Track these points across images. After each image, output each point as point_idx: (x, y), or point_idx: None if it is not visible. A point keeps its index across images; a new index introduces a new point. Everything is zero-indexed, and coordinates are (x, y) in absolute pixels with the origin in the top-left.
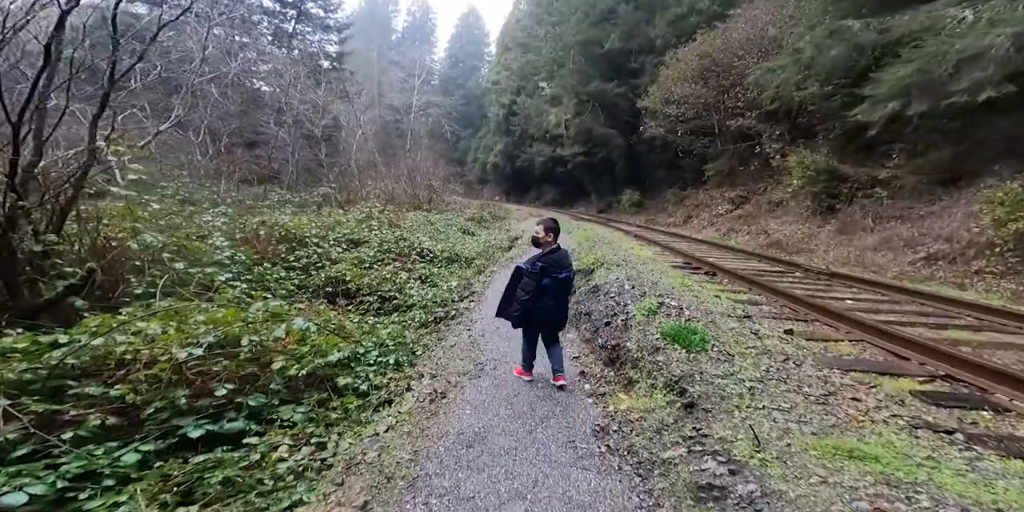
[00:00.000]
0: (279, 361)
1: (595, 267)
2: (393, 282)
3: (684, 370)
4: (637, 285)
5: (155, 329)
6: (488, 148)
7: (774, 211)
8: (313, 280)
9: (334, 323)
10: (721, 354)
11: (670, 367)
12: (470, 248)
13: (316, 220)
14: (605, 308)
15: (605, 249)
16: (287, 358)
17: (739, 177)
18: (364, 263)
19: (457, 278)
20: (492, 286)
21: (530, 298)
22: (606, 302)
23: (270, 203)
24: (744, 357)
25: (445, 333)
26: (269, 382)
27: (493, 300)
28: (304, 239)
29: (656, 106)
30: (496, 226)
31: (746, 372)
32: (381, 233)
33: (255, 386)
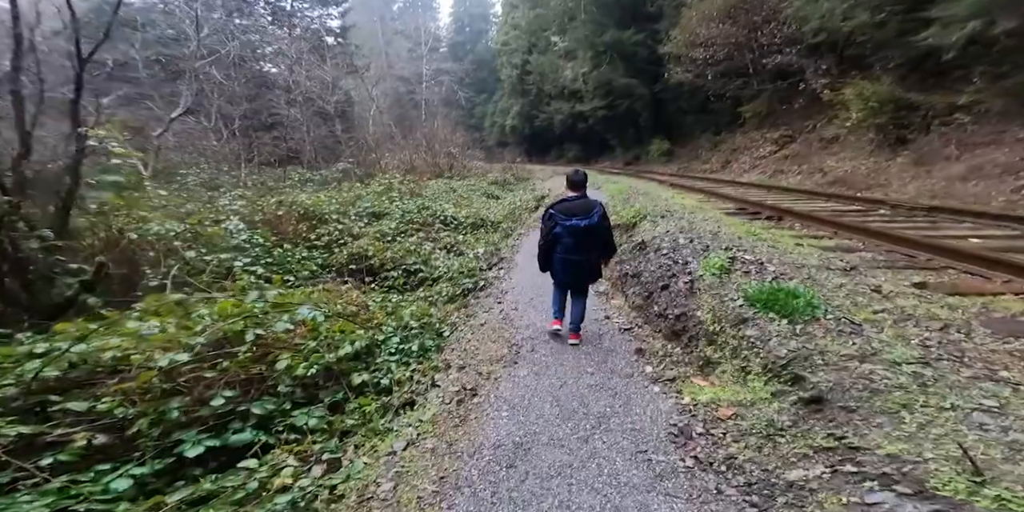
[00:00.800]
0: (284, 359)
1: (636, 221)
2: (417, 254)
3: (793, 349)
4: (695, 238)
5: (151, 328)
6: (505, 111)
7: (828, 148)
8: (336, 258)
9: (354, 305)
10: (842, 323)
11: (769, 344)
12: (495, 212)
13: (336, 196)
14: (658, 268)
15: (643, 200)
16: (293, 355)
17: (781, 116)
18: (387, 236)
19: (484, 244)
20: (521, 250)
21: (545, 244)
22: (658, 261)
23: (291, 183)
24: (878, 326)
25: (474, 308)
26: (278, 383)
27: (524, 266)
28: (324, 216)
29: (680, 50)
30: (520, 187)
31: (895, 350)
32: (403, 204)
33: (262, 388)
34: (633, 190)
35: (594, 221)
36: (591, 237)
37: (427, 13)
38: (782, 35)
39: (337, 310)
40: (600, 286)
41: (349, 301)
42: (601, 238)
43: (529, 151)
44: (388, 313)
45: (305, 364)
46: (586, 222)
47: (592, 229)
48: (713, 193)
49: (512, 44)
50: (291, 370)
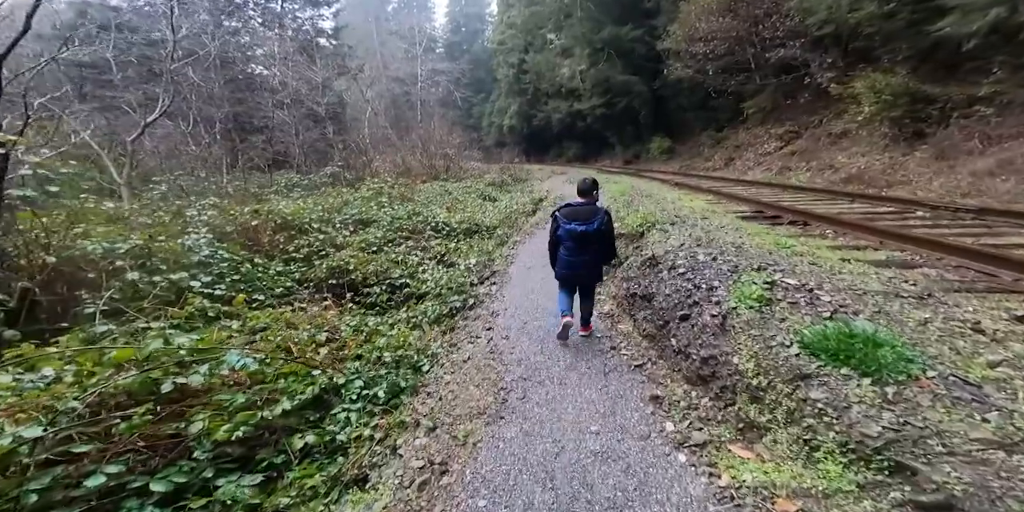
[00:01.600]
0: (199, 419)
1: (643, 229)
2: (404, 266)
3: (890, 425)
4: (717, 254)
5: (40, 379)
6: (502, 111)
7: (837, 143)
8: (315, 272)
9: (327, 328)
10: (954, 385)
11: (848, 414)
12: (491, 216)
13: (321, 202)
14: (674, 291)
15: (647, 203)
16: (213, 413)
17: (785, 112)
18: (372, 246)
19: (477, 254)
20: (517, 261)
21: (550, 244)
22: (674, 282)
23: (276, 188)
24: (1007, 389)
25: (460, 333)
26: (195, 449)
27: (519, 280)
28: (304, 226)
29: (680, 46)
30: (518, 188)
31: None
32: (392, 210)
33: (176, 454)
34: (635, 191)
35: (592, 228)
36: (589, 242)
37: (422, 13)
38: (785, 28)
39: (291, 343)
40: (604, 305)
41: (323, 322)
42: (601, 244)
43: (527, 151)
44: (362, 340)
45: (228, 426)
46: (584, 228)
47: (590, 235)
48: (722, 194)
49: (508, 43)
50: (211, 433)
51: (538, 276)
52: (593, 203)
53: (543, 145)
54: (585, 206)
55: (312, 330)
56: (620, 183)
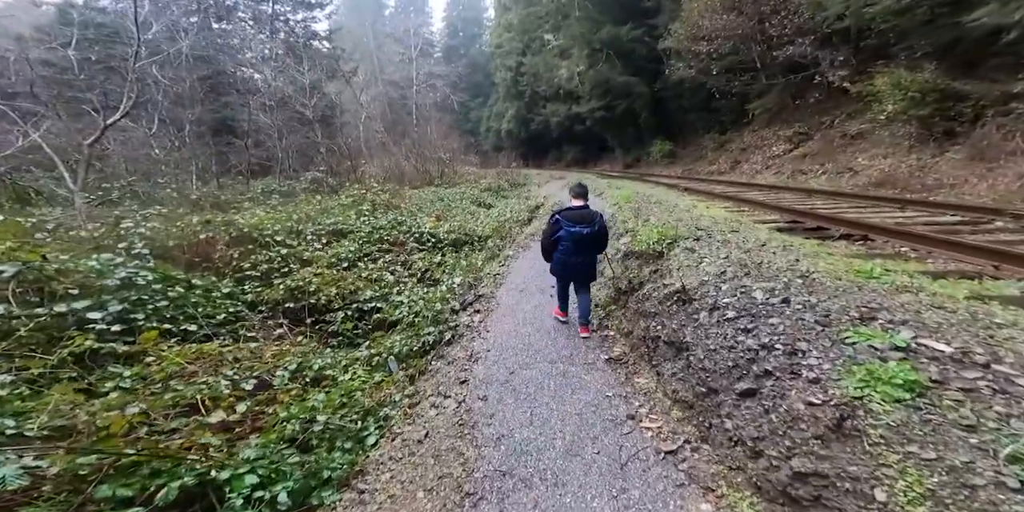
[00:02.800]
0: None
1: (663, 247)
2: (379, 285)
3: None
4: (782, 290)
5: None
6: (500, 115)
7: (853, 144)
8: (271, 293)
9: (247, 379)
10: None
11: None
12: (484, 224)
13: (294, 211)
14: (724, 348)
15: (659, 212)
16: None
17: (793, 113)
18: (344, 261)
19: (463, 271)
20: (507, 281)
21: (546, 245)
22: (721, 332)
23: (252, 195)
24: None
25: (429, 383)
26: None
27: (508, 307)
28: (266, 238)
29: (682, 45)
30: (514, 194)
31: None
32: (373, 219)
33: None
34: (642, 197)
35: (595, 230)
36: (588, 243)
37: (419, 17)
38: (793, 25)
39: (203, 397)
40: (614, 346)
41: (262, 360)
42: (597, 244)
43: (526, 155)
44: (300, 391)
45: None
46: (589, 230)
47: (592, 237)
48: (742, 200)
49: (506, 46)
50: None
51: (530, 303)
52: (587, 206)
53: (541, 149)
54: (584, 209)
55: (238, 374)
56: (623, 188)
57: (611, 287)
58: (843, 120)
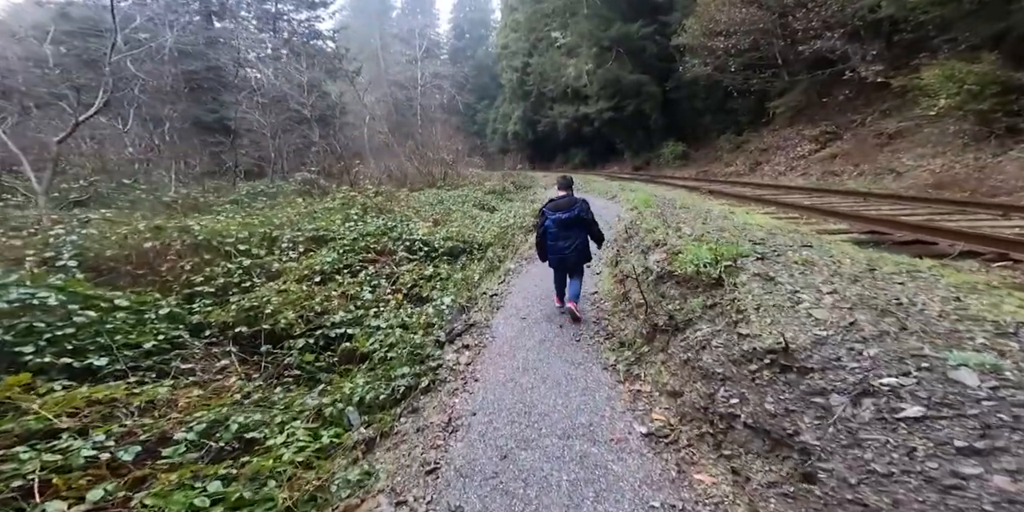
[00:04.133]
0: None
1: (720, 270)
2: (354, 305)
3: None
4: (989, 363)
5: None
6: (506, 117)
7: (891, 143)
8: (222, 314)
9: (129, 449)
10: None
11: None
12: (485, 230)
13: (274, 214)
14: (904, 471)
15: (690, 218)
16: None
17: (819, 111)
18: (319, 274)
19: (456, 287)
20: (507, 303)
21: (538, 237)
22: (888, 436)
23: (236, 197)
24: None
25: (387, 456)
26: None
27: (505, 345)
28: (228, 247)
29: (697, 41)
30: (520, 197)
31: None
32: (361, 224)
33: None
34: (663, 201)
35: (574, 214)
36: (570, 227)
37: (426, 19)
38: (820, 18)
39: None
40: (651, 412)
41: (178, 407)
42: (581, 228)
43: (532, 157)
44: (181, 480)
45: None
46: (567, 215)
47: (571, 221)
48: (785, 204)
49: (512, 46)
50: None
51: (534, 337)
52: (570, 195)
53: (548, 152)
54: (565, 198)
55: (133, 429)
56: (638, 191)
57: (641, 319)
58: (877, 118)
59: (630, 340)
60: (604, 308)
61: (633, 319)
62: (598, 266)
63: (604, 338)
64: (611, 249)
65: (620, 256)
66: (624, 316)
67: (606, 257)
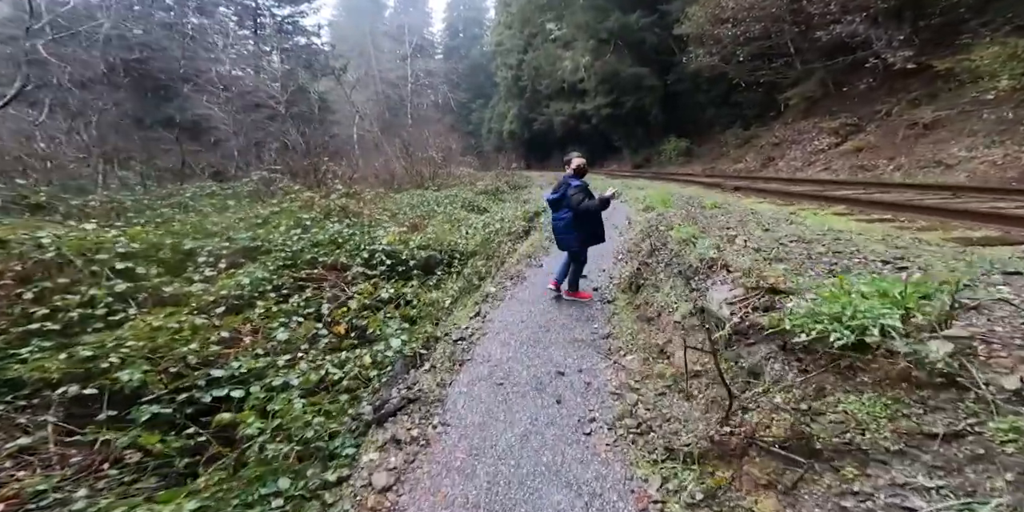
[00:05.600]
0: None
1: (939, 349)
2: (264, 347)
3: None
4: None
5: None
6: (502, 116)
7: (929, 134)
8: (47, 366)
9: None
10: None
11: None
12: (470, 235)
13: (208, 221)
14: None
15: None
16: None
17: (836, 102)
18: (233, 299)
19: (420, 315)
20: (477, 353)
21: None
22: None
23: (180, 200)
24: None
25: None
26: None
27: (463, 439)
28: (94, 266)
29: (702, 29)
30: (513, 197)
31: None
32: (315, 232)
33: None
34: (684, 199)
35: (558, 194)
36: (558, 207)
37: (419, 17)
38: (838, 2)
39: None
40: None
41: None
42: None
43: (528, 156)
44: None
45: None
46: (555, 195)
47: (556, 201)
48: (855, 201)
49: (507, 43)
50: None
51: (515, 426)
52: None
53: (545, 151)
54: (562, 180)
55: None
56: (645, 188)
57: (709, 406)
58: (905, 108)
59: (689, 448)
60: (631, 369)
61: (685, 399)
62: (609, 288)
63: (634, 433)
64: (626, 265)
65: (642, 278)
66: (664, 389)
67: (619, 277)
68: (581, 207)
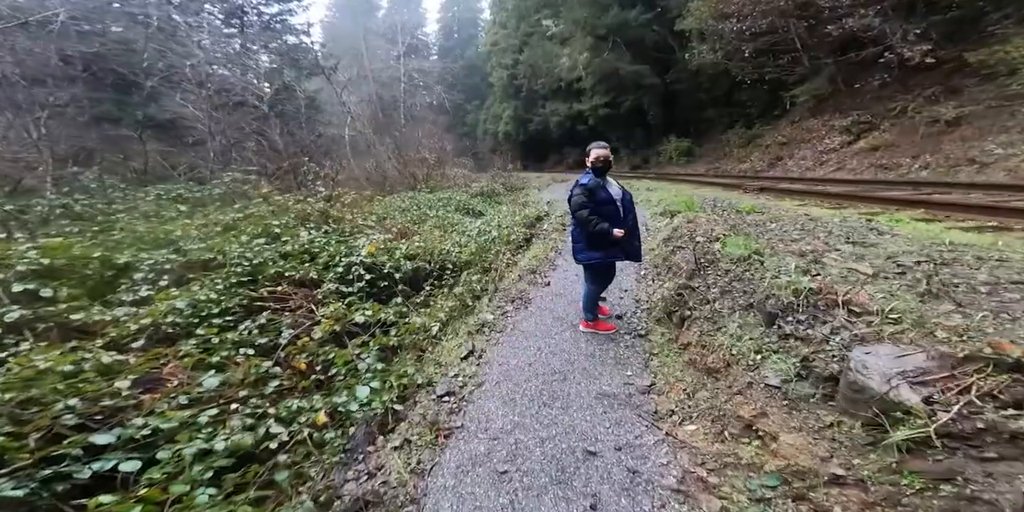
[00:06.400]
0: None
1: None
2: (191, 394)
3: None
4: None
5: None
6: (497, 117)
7: (953, 131)
8: None
9: None
10: None
11: None
12: (464, 244)
13: (162, 230)
14: None
15: (800, 232)
16: None
17: (847, 99)
18: (150, 332)
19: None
20: (470, 415)
21: None
22: None
23: (135, 204)
24: None
25: None
26: None
27: None
28: None
29: (705, 24)
30: (510, 199)
31: None
32: (288, 240)
33: None
34: (713, 204)
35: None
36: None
37: (413, 18)
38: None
39: None
40: None
41: None
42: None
43: (525, 158)
44: None
45: None
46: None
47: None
48: (934, 203)
49: (502, 43)
50: None
51: None
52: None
53: (541, 152)
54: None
55: None
56: (657, 190)
57: None
58: (922, 104)
59: None
60: (696, 449)
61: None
62: (637, 315)
63: None
64: (653, 284)
65: (686, 307)
66: (767, 492)
67: (649, 300)
68: (575, 215)
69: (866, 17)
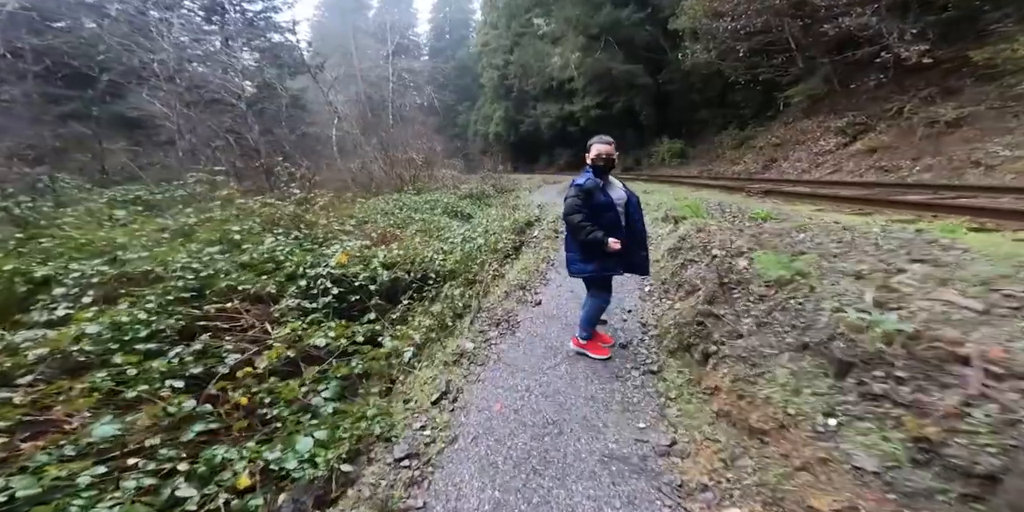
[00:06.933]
0: None
1: None
2: (77, 444)
3: None
4: None
5: None
6: (488, 118)
7: (954, 132)
8: None
9: None
10: None
11: None
12: (449, 250)
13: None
14: None
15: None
16: None
17: (842, 100)
18: (50, 362)
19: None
20: (432, 496)
21: None
22: None
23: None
24: None
25: None
26: None
27: None
28: None
29: (699, 23)
30: (500, 202)
31: None
32: (251, 246)
33: None
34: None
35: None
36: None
37: (404, 18)
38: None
39: None
40: None
41: None
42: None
43: (515, 159)
44: None
45: None
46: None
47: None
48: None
49: (493, 43)
50: None
51: None
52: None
53: (532, 153)
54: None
55: None
56: (655, 193)
57: None
58: (918, 105)
59: None
60: None
61: None
62: (646, 344)
63: None
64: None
65: (710, 341)
66: None
67: (659, 325)
68: (566, 220)
69: (863, 16)
